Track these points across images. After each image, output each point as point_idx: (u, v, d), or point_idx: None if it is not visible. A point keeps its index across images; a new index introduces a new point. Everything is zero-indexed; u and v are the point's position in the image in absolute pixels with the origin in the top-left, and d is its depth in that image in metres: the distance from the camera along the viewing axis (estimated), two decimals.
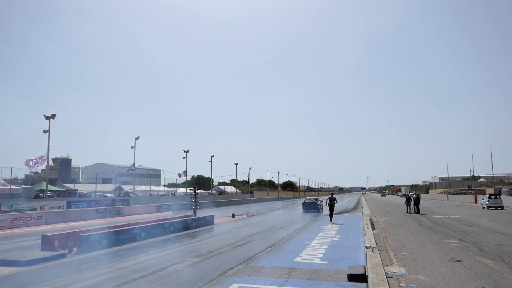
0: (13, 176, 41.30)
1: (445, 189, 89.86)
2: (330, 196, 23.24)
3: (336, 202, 23.17)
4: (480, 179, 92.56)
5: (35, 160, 31.08)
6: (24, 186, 42.50)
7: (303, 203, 34.70)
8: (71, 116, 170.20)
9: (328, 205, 22.63)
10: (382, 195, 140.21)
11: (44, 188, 35.96)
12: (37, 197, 36.96)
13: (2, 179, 37.15)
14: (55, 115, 32.24)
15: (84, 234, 12.56)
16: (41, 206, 29.55)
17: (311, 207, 33.57)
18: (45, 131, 31.97)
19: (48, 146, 31.99)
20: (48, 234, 12.60)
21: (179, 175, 55.87)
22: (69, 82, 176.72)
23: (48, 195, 36.25)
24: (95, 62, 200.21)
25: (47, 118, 31.94)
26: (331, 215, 22.49)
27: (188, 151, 56.74)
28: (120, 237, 14.09)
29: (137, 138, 45.50)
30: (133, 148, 45.41)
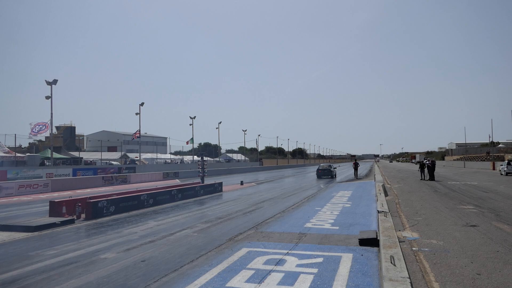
0: (17, 144, 41.96)
1: (462, 156, 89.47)
2: (354, 161, 38.24)
3: (359, 166, 39.49)
4: (500, 145, 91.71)
5: (38, 126, 31.40)
6: (28, 154, 43.30)
7: (317, 169, 37.56)
8: (74, 82, 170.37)
9: (354, 168, 36.60)
10: (390, 162, 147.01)
11: (49, 155, 36.58)
12: (42, 164, 37.70)
13: (7, 146, 37.79)
14: (57, 80, 32.29)
15: (91, 200, 12.88)
16: (47, 173, 30.20)
17: (325, 173, 36.27)
18: (47, 97, 32.14)
19: (51, 113, 32.24)
20: (56, 200, 12.95)
21: (187, 143, 56.29)
22: (72, 47, 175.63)
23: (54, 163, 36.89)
24: (98, 26, 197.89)
25: (49, 83, 32.00)
26: (356, 174, 35.82)
27: (194, 117, 56.97)
28: (128, 203, 14.43)
29: (142, 104, 45.59)
30: (138, 115, 45.61)
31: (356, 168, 36.62)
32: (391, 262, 5.52)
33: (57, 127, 70.93)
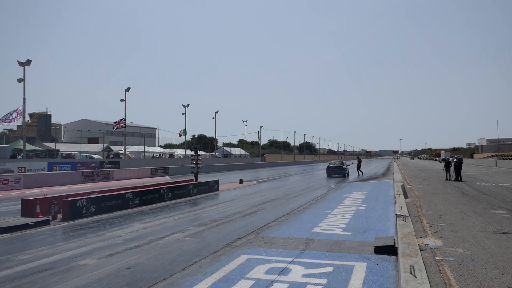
0: None
1: (493, 153, 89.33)
2: (357, 158, 42.50)
3: (361, 163, 40.71)
4: None
5: (9, 114, 31.41)
6: None
7: (328, 167, 37.27)
8: (50, 64, 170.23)
9: (357, 165, 39.35)
10: (411, 159, 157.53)
11: (21, 147, 36.64)
12: (13, 157, 37.81)
13: None
14: (31, 61, 32.25)
15: (69, 199, 12.92)
16: (18, 167, 30.26)
17: (336, 171, 36.08)
18: (19, 80, 32.13)
19: (24, 98, 32.24)
20: (29, 198, 13.01)
21: (179, 135, 56.30)
22: (48, 25, 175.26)
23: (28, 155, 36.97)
24: (79, 2, 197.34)
25: (22, 64, 31.98)
26: (358, 172, 38.28)
27: (188, 106, 56.85)
28: (111, 203, 14.48)
29: (128, 89, 45.51)
30: (123, 102, 45.57)
31: (359, 165, 39.32)
32: (411, 273, 5.53)
33: (30, 115, 71.13)
